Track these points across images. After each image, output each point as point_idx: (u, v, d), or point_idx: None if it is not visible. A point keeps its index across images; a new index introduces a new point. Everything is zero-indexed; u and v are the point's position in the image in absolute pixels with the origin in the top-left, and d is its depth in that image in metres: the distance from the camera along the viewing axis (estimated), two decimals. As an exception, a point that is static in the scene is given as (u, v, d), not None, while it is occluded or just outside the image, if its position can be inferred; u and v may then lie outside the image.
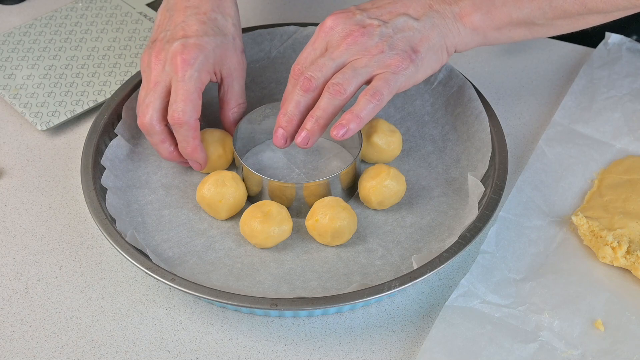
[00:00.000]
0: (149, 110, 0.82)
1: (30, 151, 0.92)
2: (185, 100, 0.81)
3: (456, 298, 0.77)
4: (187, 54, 0.82)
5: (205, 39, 0.83)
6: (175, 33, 0.84)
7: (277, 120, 0.82)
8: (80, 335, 0.77)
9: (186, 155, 0.84)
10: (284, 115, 0.81)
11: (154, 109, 0.82)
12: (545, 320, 0.76)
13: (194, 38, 0.83)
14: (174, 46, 0.82)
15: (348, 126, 0.79)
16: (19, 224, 0.86)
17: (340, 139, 0.80)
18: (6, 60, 1.01)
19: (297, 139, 0.80)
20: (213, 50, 0.83)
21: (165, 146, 0.84)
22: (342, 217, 0.80)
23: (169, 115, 0.82)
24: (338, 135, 0.79)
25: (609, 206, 0.83)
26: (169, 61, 0.82)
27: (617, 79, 0.96)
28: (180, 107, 0.81)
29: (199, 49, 0.82)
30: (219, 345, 0.76)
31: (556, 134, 0.91)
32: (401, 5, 0.82)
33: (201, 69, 0.82)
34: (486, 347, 0.74)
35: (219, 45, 0.84)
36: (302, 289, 0.78)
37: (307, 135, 0.80)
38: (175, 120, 0.81)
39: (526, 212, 0.84)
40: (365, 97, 0.79)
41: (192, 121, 0.82)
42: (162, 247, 0.81)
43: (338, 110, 0.80)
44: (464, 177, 0.87)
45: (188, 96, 0.81)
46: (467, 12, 0.82)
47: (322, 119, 0.80)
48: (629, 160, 0.88)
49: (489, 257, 0.80)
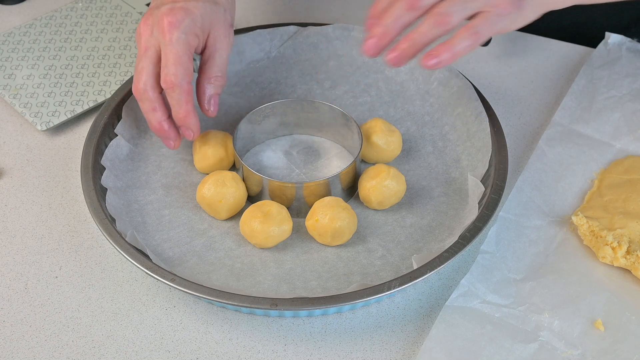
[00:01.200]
0: (142, 76, 0.82)
1: (30, 151, 0.92)
2: (176, 64, 0.81)
3: (456, 298, 0.77)
4: (173, 16, 0.81)
5: (192, 4, 0.83)
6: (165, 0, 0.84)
7: (368, 28, 0.78)
8: (80, 335, 0.77)
9: (179, 121, 0.83)
10: (381, 26, 0.77)
11: (147, 74, 0.82)
12: (545, 320, 0.76)
13: (182, 2, 0.82)
14: (161, 10, 0.82)
15: (440, 57, 0.76)
16: (19, 224, 0.86)
17: (430, 68, 0.76)
18: (6, 60, 1.01)
19: (390, 56, 0.76)
20: (201, 15, 0.83)
21: (156, 115, 0.83)
22: (342, 217, 0.80)
23: (162, 80, 0.81)
24: (429, 64, 0.76)
25: (609, 206, 0.83)
26: (156, 25, 0.82)
27: (617, 79, 0.96)
28: (171, 71, 0.80)
29: (185, 12, 0.82)
30: (219, 345, 0.76)
31: (556, 134, 0.91)
32: None
33: (188, 32, 0.81)
34: (486, 347, 0.74)
35: (207, 12, 0.83)
36: (302, 289, 0.78)
37: (400, 55, 0.76)
38: (168, 84, 0.81)
39: (526, 212, 0.84)
40: (464, 33, 0.76)
41: (185, 84, 0.81)
42: (162, 247, 0.81)
43: (436, 39, 0.77)
44: (464, 177, 0.87)
45: (178, 59, 0.81)
46: None
47: (420, 44, 0.76)
48: (629, 160, 0.88)
49: (489, 257, 0.80)
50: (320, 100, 0.90)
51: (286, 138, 0.92)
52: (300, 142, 0.91)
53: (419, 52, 0.77)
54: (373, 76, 0.96)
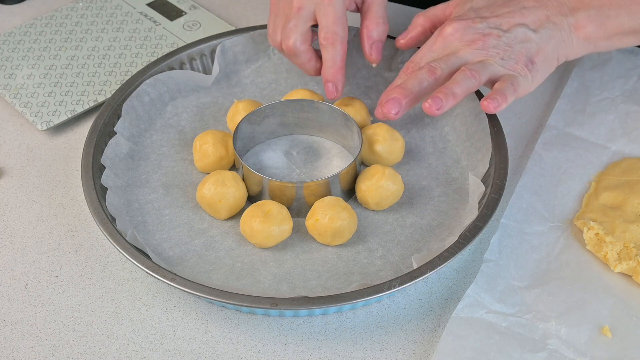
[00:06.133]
0: (293, 34, 0.86)
1: (30, 151, 0.93)
2: (337, 22, 0.85)
3: (463, 309, 0.76)
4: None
5: None
6: None
7: (391, 91, 0.82)
8: (81, 335, 0.77)
9: (330, 75, 0.87)
10: (402, 88, 0.81)
11: (297, 32, 0.86)
12: (552, 328, 0.75)
13: None
14: None
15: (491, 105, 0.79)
16: (19, 224, 0.86)
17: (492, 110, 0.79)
18: (7, 59, 1.01)
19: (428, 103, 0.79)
20: None
21: (312, 64, 0.88)
22: (342, 216, 0.80)
23: (322, 37, 0.86)
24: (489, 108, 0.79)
25: (608, 209, 0.83)
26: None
27: (609, 81, 0.96)
28: (332, 29, 0.85)
29: None
30: (219, 345, 0.76)
31: (552, 138, 0.90)
32: (520, 15, 0.83)
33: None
34: (495, 358, 0.73)
35: None
36: (302, 289, 0.78)
37: (439, 102, 0.79)
38: (329, 40, 0.85)
39: (527, 218, 0.84)
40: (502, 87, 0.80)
41: (344, 41, 0.86)
42: (162, 246, 0.81)
43: (468, 93, 0.81)
44: (464, 177, 0.87)
45: (338, 18, 0.86)
46: (583, 24, 0.83)
47: (457, 95, 0.80)
48: (626, 162, 0.88)
49: (493, 266, 0.79)
50: (320, 101, 0.90)
51: (286, 138, 0.92)
52: (300, 142, 0.91)
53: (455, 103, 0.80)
54: (373, 79, 0.97)
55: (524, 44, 0.82)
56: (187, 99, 0.94)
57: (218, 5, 1.10)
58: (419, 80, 0.81)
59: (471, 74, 0.80)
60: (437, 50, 0.84)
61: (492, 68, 0.81)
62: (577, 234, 0.82)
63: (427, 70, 0.82)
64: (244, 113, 0.89)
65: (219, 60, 0.95)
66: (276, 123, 0.90)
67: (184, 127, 0.92)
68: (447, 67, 0.82)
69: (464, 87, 0.80)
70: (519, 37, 0.83)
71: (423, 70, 0.82)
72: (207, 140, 0.86)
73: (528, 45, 0.82)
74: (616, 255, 0.79)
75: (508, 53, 0.82)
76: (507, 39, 0.82)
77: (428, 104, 0.79)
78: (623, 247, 0.79)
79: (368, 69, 0.97)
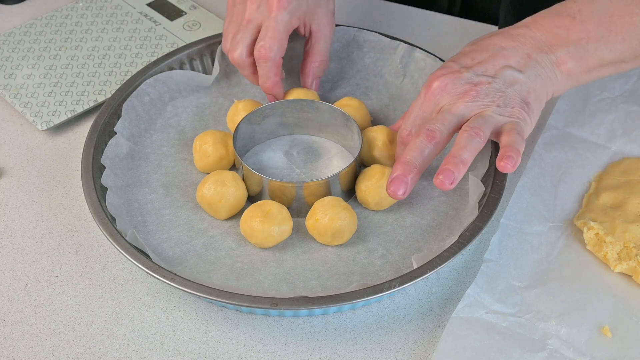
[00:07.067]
0: (239, 47, 0.88)
1: (30, 151, 0.93)
2: (274, 38, 0.86)
3: (463, 309, 0.76)
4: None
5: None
6: None
7: (394, 168, 0.78)
8: (81, 335, 0.77)
9: (265, 89, 0.89)
10: (404, 163, 0.78)
11: (243, 45, 0.88)
12: (552, 328, 0.75)
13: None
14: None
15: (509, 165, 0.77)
16: (19, 224, 0.86)
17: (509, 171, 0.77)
18: (7, 59, 1.01)
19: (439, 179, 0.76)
20: (306, 1, 0.88)
21: (256, 77, 0.90)
22: (342, 216, 0.80)
23: (256, 50, 0.87)
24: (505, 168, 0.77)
25: (608, 209, 0.83)
26: (265, 2, 0.87)
27: (608, 81, 0.96)
28: (268, 44, 0.86)
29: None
30: (219, 345, 0.76)
31: (552, 138, 0.90)
32: (502, 57, 0.81)
33: (293, 14, 0.87)
34: (495, 357, 0.73)
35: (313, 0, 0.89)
36: (302, 289, 0.78)
37: (451, 176, 0.76)
38: (261, 55, 0.87)
39: (527, 218, 0.84)
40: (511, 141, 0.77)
41: (277, 59, 0.87)
42: (162, 246, 0.81)
43: (476, 153, 0.78)
44: (464, 177, 0.87)
45: (277, 35, 0.86)
46: (564, 60, 0.82)
47: (466, 161, 0.77)
48: (625, 162, 0.88)
49: (493, 266, 0.79)
50: (320, 101, 0.90)
51: (286, 138, 0.92)
52: (300, 142, 0.91)
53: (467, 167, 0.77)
54: (373, 79, 0.97)
55: (514, 86, 0.80)
56: (187, 99, 0.94)
57: (218, 5, 1.10)
58: (420, 150, 0.78)
59: (474, 132, 0.77)
60: (428, 110, 0.81)
61: (492, 119, 0.79)
62: (577, 234, 0.82)
63: (425, 136, 0.78)
64: (244, 113, 0.89)
65: (219, 60, 0.95)
66: (276, 123, 0.90)
67: (184, 127, 0.92)
68: (446, 128, 0.78)
69: (472, 150, 0.77)
70: (508, 80, 0.80)
71: (421, 136, 0.78)
72: (207, 140, 0.86)
73: (518, 87, 0.80)
74: (616, 255, 0.79)
75: (502, 99, 0.80)
76: (498, 84, 0.80)
77: (439, 180, 0.75)
78: (623, 247, 0.79)
79: (368, 70, 0.97)
